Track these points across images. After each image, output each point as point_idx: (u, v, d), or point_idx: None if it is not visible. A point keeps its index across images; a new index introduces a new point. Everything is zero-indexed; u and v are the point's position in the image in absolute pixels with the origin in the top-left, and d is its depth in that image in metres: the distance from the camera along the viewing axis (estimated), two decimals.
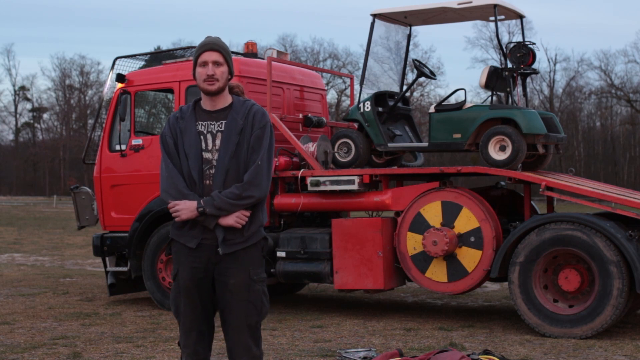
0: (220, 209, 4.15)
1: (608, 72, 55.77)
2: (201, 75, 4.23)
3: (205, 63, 4.22)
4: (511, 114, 8.35)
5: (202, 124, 4.27)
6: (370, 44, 9.24)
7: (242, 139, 4.22)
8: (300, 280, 9.14)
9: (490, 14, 9.07)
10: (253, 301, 4.24)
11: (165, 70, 9.78)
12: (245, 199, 4.18)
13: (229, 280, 4.21)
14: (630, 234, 7.49)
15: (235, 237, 4.21)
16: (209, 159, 4.24)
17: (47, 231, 24.91)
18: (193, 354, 4.31)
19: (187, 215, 4.18)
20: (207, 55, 4.22)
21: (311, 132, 9.84)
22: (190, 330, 4.30)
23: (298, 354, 6.86)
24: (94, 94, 68.97)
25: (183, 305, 4.29)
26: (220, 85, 4.23)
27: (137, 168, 9.72)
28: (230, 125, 4.23)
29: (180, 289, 4.28)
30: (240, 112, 4.26)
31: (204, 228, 4.21)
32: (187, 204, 4.18)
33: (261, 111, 4.30)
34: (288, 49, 56.68)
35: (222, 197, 4.14)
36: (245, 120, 4.24)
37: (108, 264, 9.96)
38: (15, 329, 8.09)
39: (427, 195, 8.45)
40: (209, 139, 4.25)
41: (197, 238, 4.23)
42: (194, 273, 4.24)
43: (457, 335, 7.75)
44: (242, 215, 4.19)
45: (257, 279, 4.26)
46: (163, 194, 4.29)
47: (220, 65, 4.23)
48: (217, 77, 4.21)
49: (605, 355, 6.82)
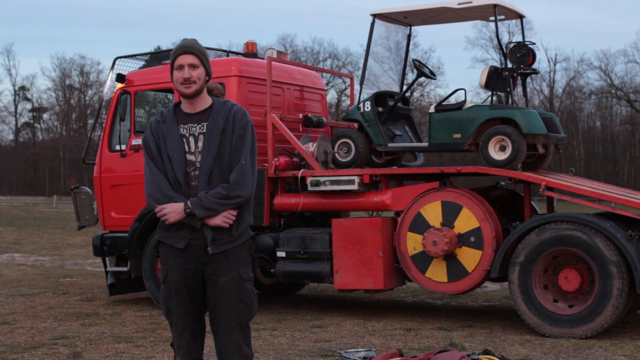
0: (208, 210, 4.18)
1: (608, 72, 55.80)
2: (178, 79, 4.26)
3: (181, 66, 4.25)
4: (511, 114, 8.35)
5: (184, 126, 4.30)
6: (370, 44, 9.24)
7: (224, 139, 4.25)
8: (300, 280, 9.14)
9: (490, 14, 9.07)
10: (244, 299, 4.27)
11: (165, 70, 9.78)
12: (233, 199, 4.21)
13: (220, 279, 4.24)
14: (630, 234, 7.49)
15: (223, 237, 4.25)
16: (193, 161, 4.28)
17: (47, 231, 24.91)
18: (187, 354, 4.34)
19: (174, 217, 4.21)
20: (183, 59, 4.25)
21: (311, 132, 9.83)
22: (184, 330, 4.33)
23: (298, 354, 6.86)
24: (94, 94, 69.01)
25: (175, 305, 4.32)
26: (197, 88, 4.26)
27: (137, 168, 9.71)
28: (212, 126, 4.26)
29: (170, 290, 4.31)
30: (221, 112, 4.29)
31: (191, 229, 4.24)
32: (174, 206, 4.21)
33: (241, 111, 4.33)
34: (288, 49, 56.65)
35: (210, 198, 4.18)
36: (226, 120, 4.27)
37: (108, 264, 9.96)
38: (15, 329, 8.09)
39: (427, 195, 8.45)
40: (191, 142, 4.28)
41: (185, 239, 4.26)
42: (184, 274, 4.27)
43: (457, 335, 7.75)
44: (230, 215, 4.23)
45: (247, 277, 4.31)
46: (148, 199, 4.32)
47: (197, 68, 4.25)
48: (193, 80, 4.24)
49: (605, 355, 6.82)
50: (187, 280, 4.27)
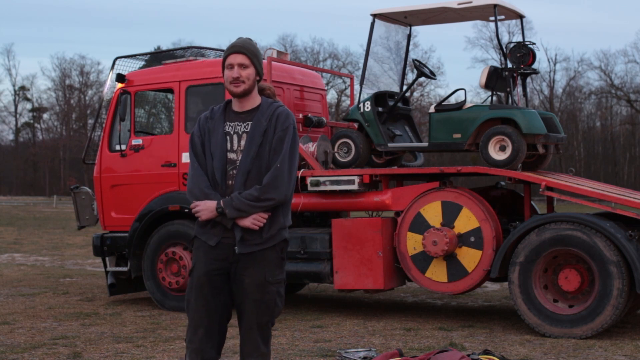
0: (238, 210, 4.18)
1: (608, 72, 55.82)
2: (228, 78, 4.28)
3: (231, 65, 4.26)
4: (511, 114, 8.35)
5: (230, 124, 4.32)
6: (370, 44, 9.24)
7: (265, 140, 4.24)
8: (300, 280, 9.14)
9: (490, 14, 9.07)
10: (266, 302, 4.28)
11: (165, 70, 9.79)
12: (264, 202, 4.20)
13: (245, 279, 4.26)
14: (630, 234, 7.49)
15: (253, 238, 4.25)
16: (234, 159, 4.28)
17: (47, 231, 24.91)
18: (197, 350, 4.28)
19: (206, 215, 4.23)
20: (233, 58, 4.26)
21: (311, 132, 9.83)
22: (198, 326, 4.30)
23: (298, 354, 6.86)
24: (94, 94, 69.03)
25: (194, 300, 4.30)
26: (246, 88, 4.26)
27: (137, 168, 9.72)
28: (255, 126, 4.27)
29: (193, 283, 4.31)
30: (266, 113, 4.29)
31: (224, 227, 4.25)
32: (208, 204, 4.22)
33: (285, 113, 4.31)
34: (288, 49, 56.67)
35: (241, 199, 4.18)
36: (269, 121, 4.26)
37: (108, 264, 9.96)
38: (15, 329, 8.09)
39: (427, 195, 8.45)
40: (234, 140, 4.29)
41: (217, 236, 4.27)
42: (210, 269, 4.27)
43: (457, 335, 7.75)
44: (260, 217, 4.22)
45: (273, 280, 4.32)
46: (188, 194, 4.36)
47: (247, 68, 4.26)
48: (242, 80, 4.25)
49: (605, 355, 6.82)
50: (211, 276, 4.27)
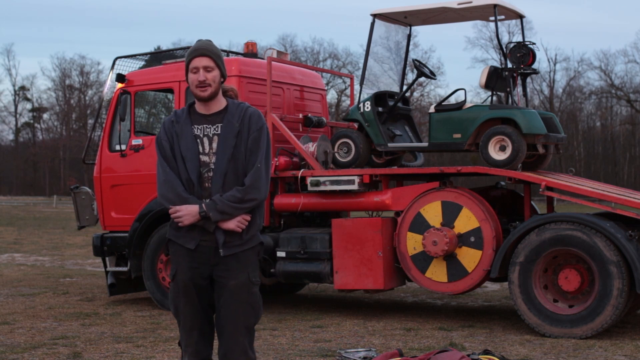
0: (223, 213, 4.18)
1: (608, 72, 55.81)
2: (193, 82, 4.25)
3: (196, 69, 4.24)
4: (511, 114, 8.35)
5: (198, 127, 4.29)
6: (370, 44, 9.24)
7: (239, 141, 4.24)
8: (300, 280, 9.14)
9: (490, 14, 9.07)
10: (252, 303, 4.27)
11: (165, 70, 9.78)
12: (247, 202, 4.22)
13: (230, 281, 4.23)
14: (630, 234, 7.49)
15: (234, 240, 4.25)
16: (207, 162, 4.26)
17: (47, 231, 24.91)
18: (195, 352, 4.31)
19: (189, 220, 4.19)
20: (198, 61, 4.24)
21: (311, 132, 9.83)
22: (192, 329, 4.31)
23: (298, 354, 6.86)
24: (94, 94, 69.01)
25: (182, 304, 4.30)
26: (212, 91, 4.25)
27: (137, 168, 9.72)
28: (227, 128, 4.25)
29: (179, 288, 4.30)
30: (236, 114, 4.28)
31: (202, 229, 4.23)
32: (189, 208, 4.19)
33: (257, 113, 4.32)
34: (288, 49, 56.66)
35: (225, 201, 4.17)
36: (241, 122, 4.26)
37: (108, 264, 9.96)
38: (15, 329, 8.09)
39: (427, 195, 8.45)
40: (205, 142, 4.27)
41: (195, 239, 4.25)
42: (193, 273, 4.26)
43: (457, 335, 7.75)
44: (243, 220, 4.24)
45: (255, 281, 4.31)
46: (161, 199, 4.29)
47: (212, 70, 4.24)
48: (208, 83, 4.23)
49: (605, 355, 6.82)
50: (195, 280, 4.27)
